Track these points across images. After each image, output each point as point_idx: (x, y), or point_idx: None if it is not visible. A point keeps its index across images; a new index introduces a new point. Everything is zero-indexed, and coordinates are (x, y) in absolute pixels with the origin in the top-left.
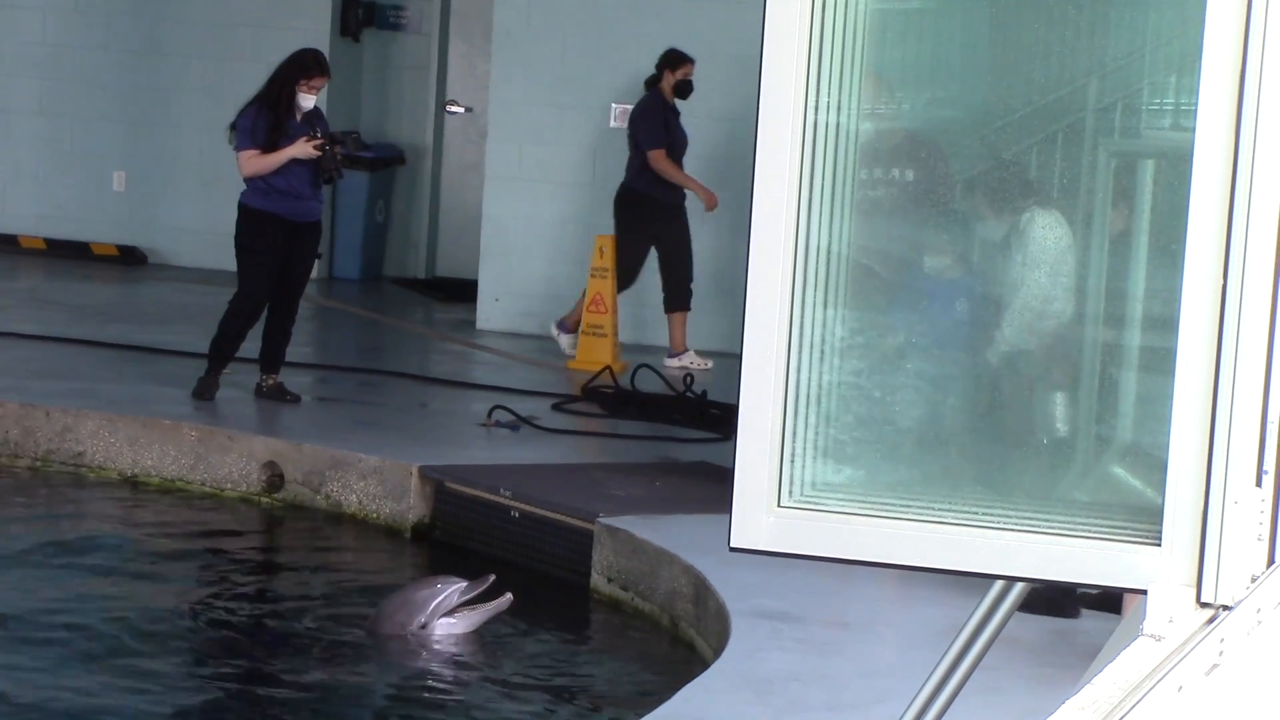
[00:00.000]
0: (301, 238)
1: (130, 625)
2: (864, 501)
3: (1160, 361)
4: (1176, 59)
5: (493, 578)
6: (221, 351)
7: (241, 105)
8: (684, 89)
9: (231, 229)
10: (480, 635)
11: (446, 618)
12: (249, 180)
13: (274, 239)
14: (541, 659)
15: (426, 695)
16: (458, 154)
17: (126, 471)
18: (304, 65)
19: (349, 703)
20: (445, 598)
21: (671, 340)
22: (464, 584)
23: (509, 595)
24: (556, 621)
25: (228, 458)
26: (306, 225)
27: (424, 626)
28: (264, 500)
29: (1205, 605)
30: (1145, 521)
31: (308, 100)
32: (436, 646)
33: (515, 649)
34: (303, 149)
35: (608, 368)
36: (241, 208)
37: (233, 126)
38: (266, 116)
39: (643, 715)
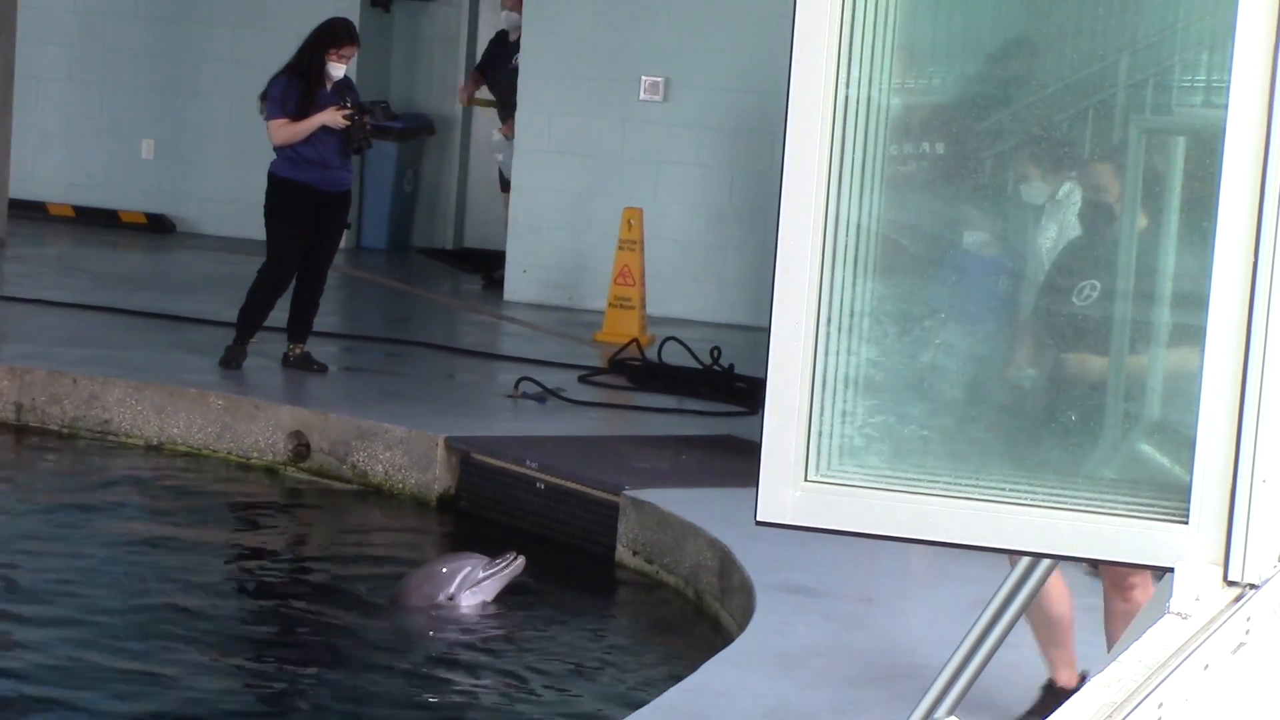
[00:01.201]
0: (330, 207)
1: (152, 594)
2: (891, 477)
3: (1190, 339)
4: (1208, 36)
5: (515, 555)
6: (250, 320)
7: (272, 75)
8: None
9: (260, 198)
10: (506, 607)
11: (471, 590)
12: (278, 149)
13: (304, 208)
14: (566, 631)
15: (451, 667)
16: (487, 125)
17: (153, 440)
18: (334, 34)
19: (375, 674)
20: (470, 571)
21: None
22: (486, 559)
23: (521, 559)
24: (581, 594)
25: (254, 426)
26: (335, 195)
27: (451, 599)
28: (290, 470)
29: (1232, 584)
30: (1173, 499)
31: (338, 69)
32: (463, 618)
33: (539, 621)
34: (332, 118)
35: (635, 340)
36: (271, 177)
37: (263, 96)
38: (297, 85)
39: (667, 689)
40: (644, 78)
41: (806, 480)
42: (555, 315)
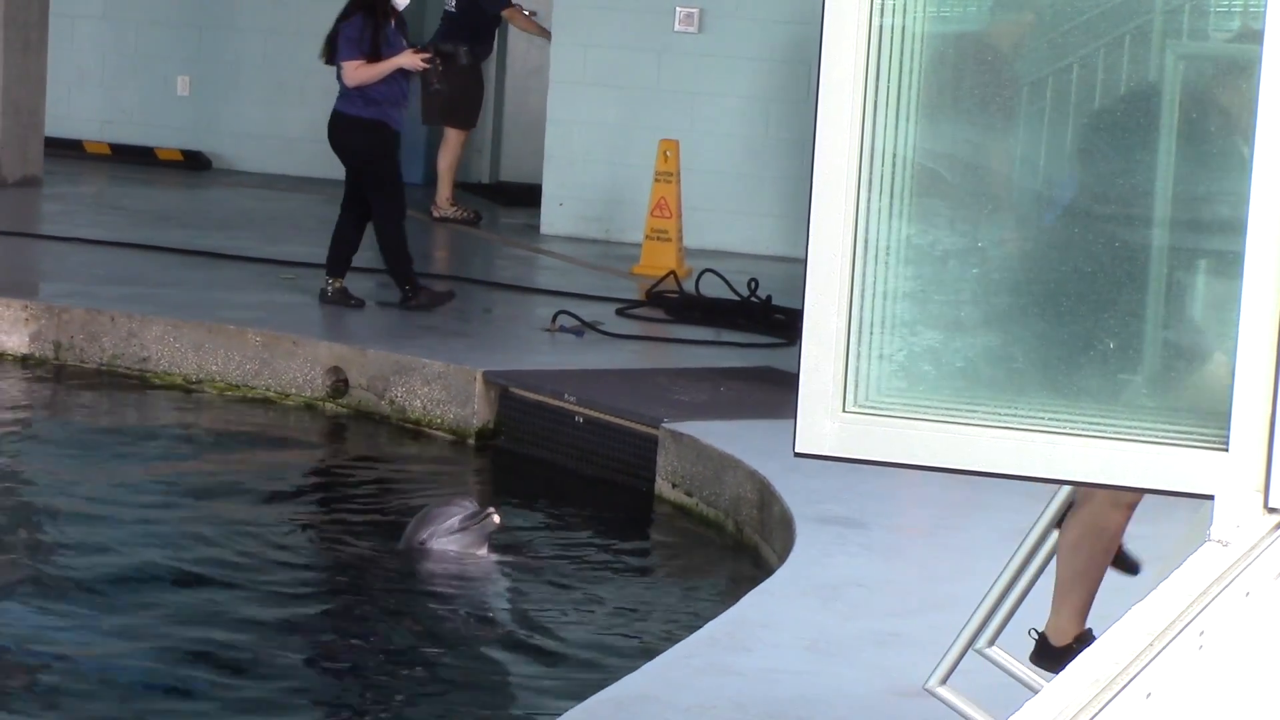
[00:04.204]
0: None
1: (193, 529)
2: (929, 407)
3: (1228, 265)
4: None
5: (490, 510)
6: (405, 263)
7: (338, 14)
8: None
9: (296, 134)
10: (547, 540)
11: (446, 537)
12: (347, 91)
13: (390, 143)
14: (606, 564)
15: (491, 600)
16: (521, 58)
17: (191, 377)
18: None
19: (430, 606)
20: (449, 521)
21: None
22: (474, 510)
23: (494, 516)
24: (621, 527)
25: (292, 363)
26: (397, 133)
27: (423, 543)
28: (328, 406)
29: (1273, 510)
30: (1212, 427)
31: (402, 1)
32: (502, 554)
33: (580, 554)
34: (411, 60)
35: (672, 272)
36: (345, 118)
37: (330, 40)
38: (370, 24)
39: (707, 620)
40: (678, 8)
41: (844, 411)
42: (592, 248)
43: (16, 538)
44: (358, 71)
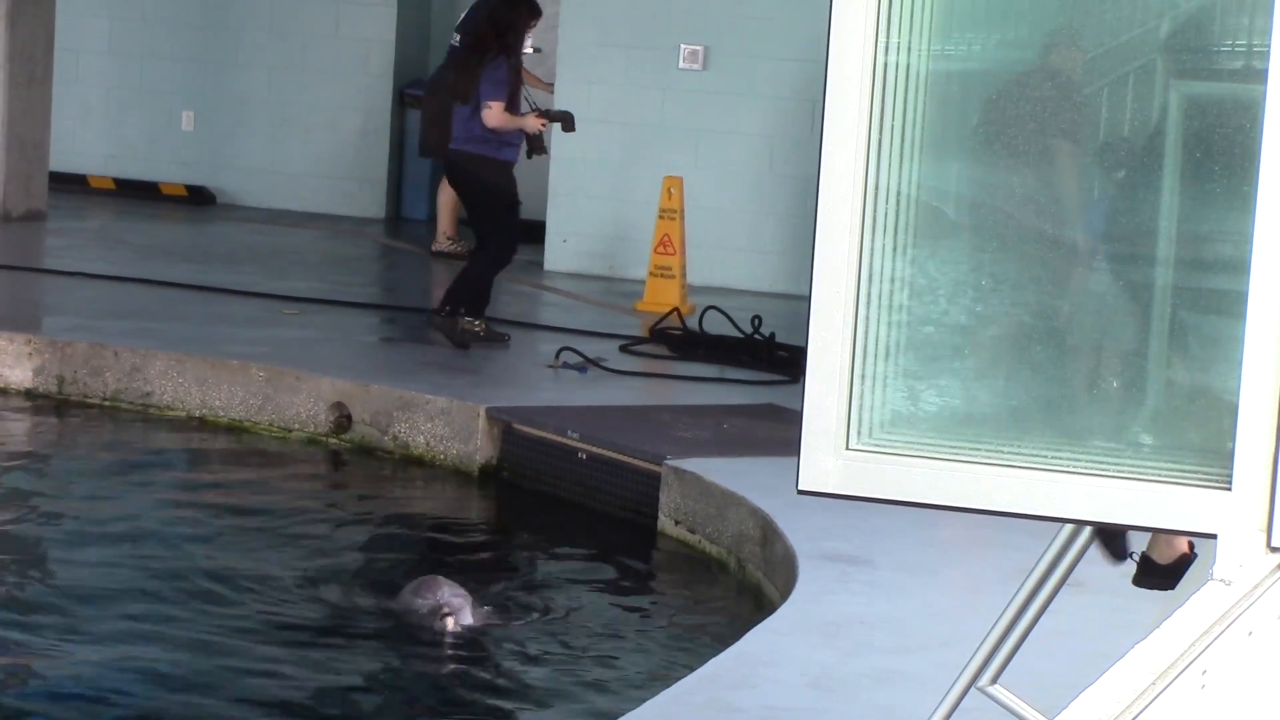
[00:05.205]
0: None
1: (192, 562)
2: (932, 445)
3: (1231, 304)
4: (1250, 0)
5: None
6: (470, 299)
7: (470, 53)
8: None
9: (301, 169)
10: (548, 576)
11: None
12: (477, 131)
13: (511, 185)
14: (608, 601)
15: (490, 636)
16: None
17: (195, 412)
18: (532, 6)
19: (417, 646)
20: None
21: None
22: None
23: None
24: (623, 563)
25: (296, 398)
26: None
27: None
28: (331, 441)
29: (1276, 550)
30: (1215, 466)
31: (528, 40)
32: (503, 590)
33: (581, 590)
34: (534, 125)
35: (675, 309)
36: (484, 160)
37: (462, 79)
38: (512, 69)
39: (710, 657)
40: (683, 46)
41: (848, 449)
42: (595, 284)
43: (11, 568)
44: (500, 116)
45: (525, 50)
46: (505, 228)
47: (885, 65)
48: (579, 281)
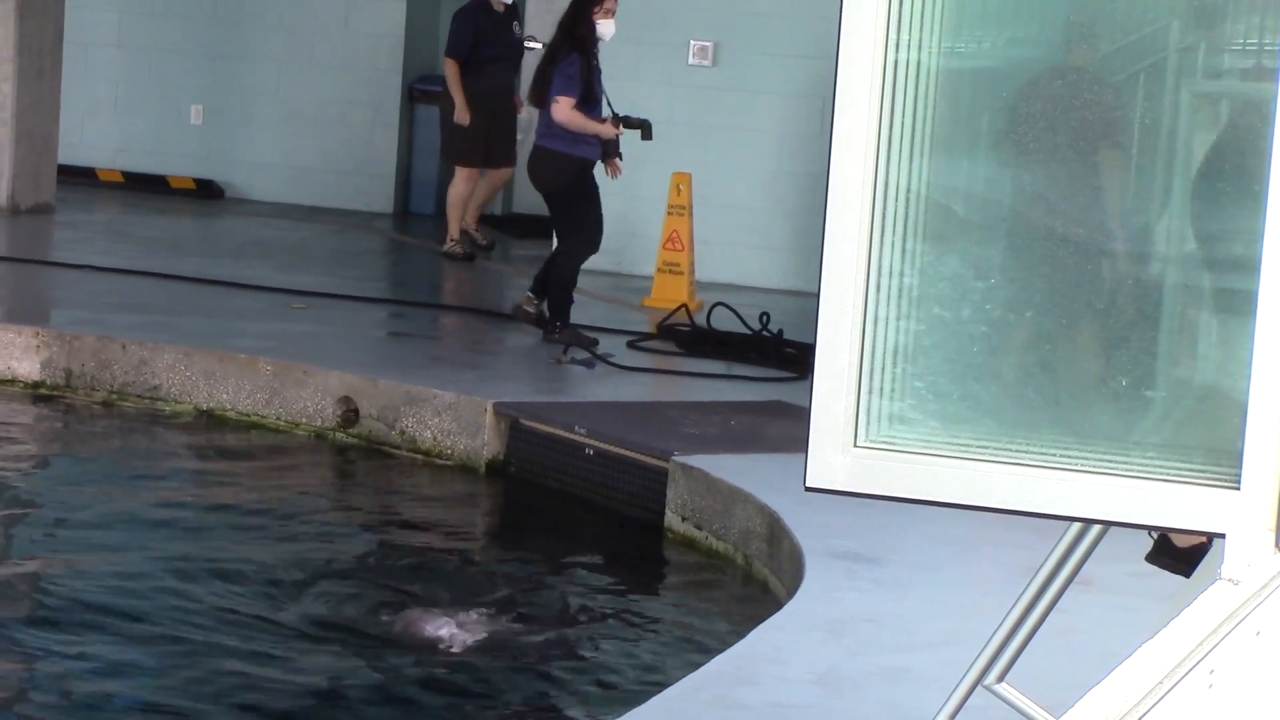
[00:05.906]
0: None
1: (198, 556)
2: (940, 443)
3: (1241, 303)
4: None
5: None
6: (566, 302)
7: (544, 58)
8: None
9: (309, 164)
10: (554, 571)
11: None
12: (553, 128)
13: (589, 181)
14: (614, 597)
15: (497, 630)
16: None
17: (202, 405)
18: None
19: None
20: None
21: None
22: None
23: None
24: (630, 560)
25: (303, 392)
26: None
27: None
28: (339, 435)
29: None
30: (1224, 464)
31: (608, 26)
32: (511, 587)
33: (587, 587)
34: (609, 132)
35: (684, 305)
36: (557, 155)
37: (540, 83)
38: (585, 65)
39: (716, 654)
40: (693, 42)
41: (856, 446)
42: (604, 280)
43: (19, 562)
44: (570, 112)
45: (606, 34)
46: (578, 224)
47: (895, 63)
48: (587, 277)
